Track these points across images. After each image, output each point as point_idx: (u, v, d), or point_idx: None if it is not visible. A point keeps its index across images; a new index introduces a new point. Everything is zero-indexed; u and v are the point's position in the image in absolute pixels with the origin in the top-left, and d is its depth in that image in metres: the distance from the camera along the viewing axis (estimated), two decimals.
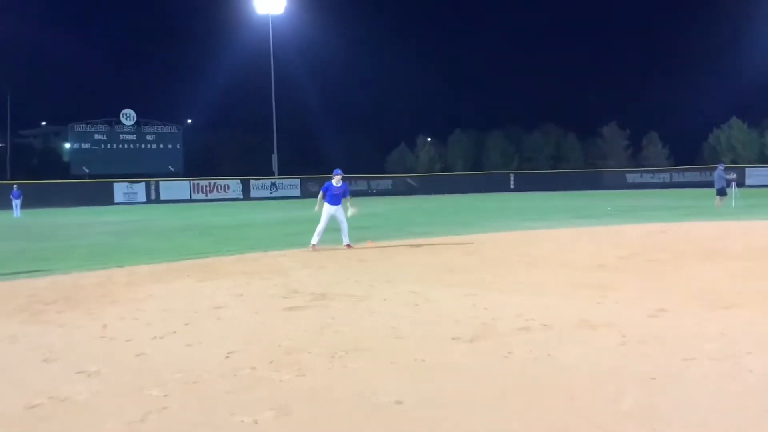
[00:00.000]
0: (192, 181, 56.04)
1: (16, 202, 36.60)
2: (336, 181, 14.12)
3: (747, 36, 67.31)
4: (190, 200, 53.62)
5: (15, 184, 40.33)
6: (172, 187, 54.85)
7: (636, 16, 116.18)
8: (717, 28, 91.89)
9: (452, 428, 4.16)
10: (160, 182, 54.69)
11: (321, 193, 14.34)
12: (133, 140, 60.24)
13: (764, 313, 7.09)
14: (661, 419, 4.16)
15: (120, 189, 52.66)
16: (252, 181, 57.47)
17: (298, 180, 59.08)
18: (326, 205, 14.25)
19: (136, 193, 53.08)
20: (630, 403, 4.46)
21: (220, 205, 48.34)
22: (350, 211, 14.44)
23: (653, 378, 4.95)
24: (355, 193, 56.09)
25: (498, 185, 61.10)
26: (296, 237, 17.48)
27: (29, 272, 11.70)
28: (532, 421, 4.19)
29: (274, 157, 60.07)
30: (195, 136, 71.09)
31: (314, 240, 13.58)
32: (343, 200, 14.45)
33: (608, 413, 4.31)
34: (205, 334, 6.75)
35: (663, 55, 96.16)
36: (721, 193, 27.28)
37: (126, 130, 59.79)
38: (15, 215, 35.38)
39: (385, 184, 62.47)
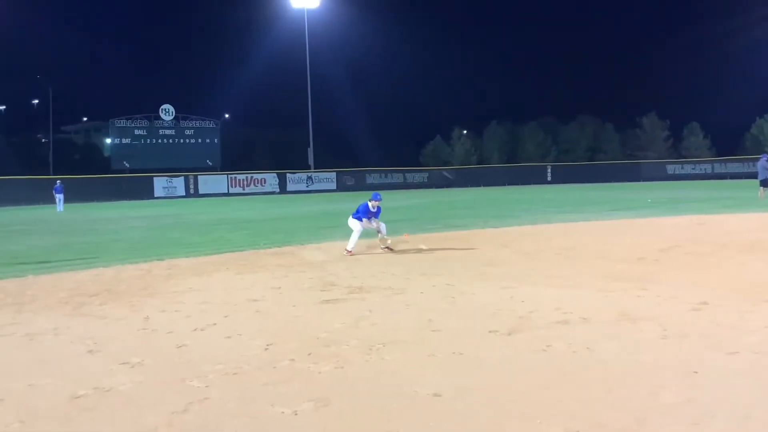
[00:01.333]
0: (229, 175, 56.65)
1: (59, 197, 37.40)
2: (372, 206, 13.12)
3: None
4: (228, 194, 54.22)
5: (58, 179, 41.20)
6: (210, 181, 55.52)
7: (676, 5, 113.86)
8: (759, 17, 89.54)
9: (490, 421, 4.15)
10: (199, 176, 55.38)
11: (355, 219, 13.15)
12: (172, 135, 61.08)
13: None
14: (703, 413, 4.10)
15: (159, 183, 53.47)
16: (288, 175, 57.90)
17: (334, 173, 59.34)
18: (352, 220, 13.26)
19: (175, 187, 53.86)
20: (670, 396, 4.40)
21: (257, 198, 48.77)
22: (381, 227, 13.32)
23: (695, 372, 4.88)
24: (392, 186, 56.31)
25: (535, 177, 60.66)
26: (332, 230, 17.56)
27: (72, 265, 11.96)
28: (570, 414, 4.16)
29: (310, 150, 60.43)
30: (232, 131, 71.88)
31: (349, 247, 12.76)
32: (373, 220, 13.28)
33: (648, 407, 4.26)
34: (243, 326, 6.83)
35: (704, 43, 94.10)
36: (765, 184, 26.69)
37: (165, 125, 60.66)
38: (58, 210, 36.16)
39: (421, 176, 62.41)
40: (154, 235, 18.39)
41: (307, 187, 57.47)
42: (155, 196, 51.85)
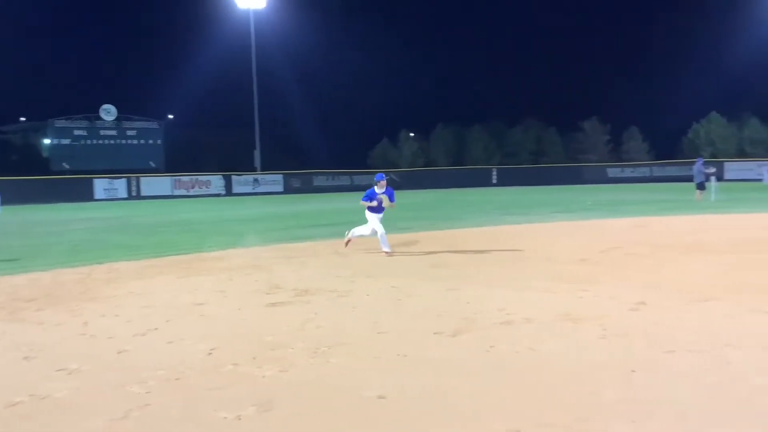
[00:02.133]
0: (173, 177, 55.69)
1: None
2: (380, 186, 12.88)
3: (727, 31, 68.10)
4: (172, 196, 53.26)
5: None
6: (154, 183, 54.42)
7: (617, 11, 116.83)
8: (697, 24, 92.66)
9: (433, 421, 4.17)
10: (141, 178, 54.23)
11: (366, 203, 12.97)
12: (113, 136, 59.73)
13: (742, 305, 7.18)
14: (641, 411, 4.21)
15: (100, 185, 52.17)
16: (234, 177, 57.17)
17: (281, 175, 58.85)
18: (371, 214, 13.03)
19: (116, 189, 52.62)
20: (610, 395, 4.51)
21: (202, 200, 48.06)
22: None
23: (633, 371, 5.00)
24: (339, 188, 56.20)
25: (481, 180, 61.27)
26: (279, 232, 17.46)
27: (8, 270, 11.57)
28: (514, 414, 4.22)
29: (257, 152, 59.85)
30: (176, 132, 70.59)
31: (386, 248, 12.34)
32: (389, 205, 13.01)
33: (589, 406, 4.35)
34: (187, 330, 6.72)
35: (643, 50, 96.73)
36: (701, 187, 27.57)
37: (106, 125, 59.25)
38: None
39: (369, 179, 62.38)
40: (95, 238, 17.94)
41: (254, 189, 56.84)
42: (96, 198, 50.54)
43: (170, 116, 72.18)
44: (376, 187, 13.00)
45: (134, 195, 52.63)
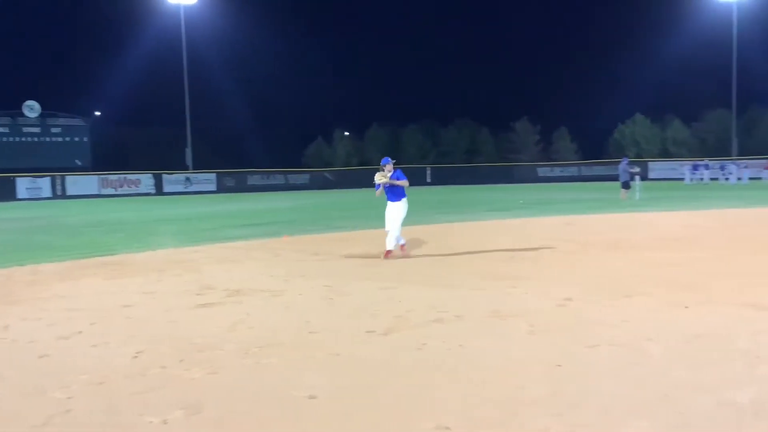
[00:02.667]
0: (101, 176, 54.16)
1: None
2: (388, 170, 12.17)
3: (653, 34, 70.64)
4: (99, 195, 51.80)
5: None
6: (80, 182, 52.81)
7: (547, 13, 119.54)
8: (625, 26, 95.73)
9: (364, 420, 4.18)
10: (67, 177, 52.57)
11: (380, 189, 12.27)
12: (37, 133, 57.69)
13: (664, 300, 7.43)
14: (567, 404, 4.31)
15: (23, 184, 50.34)
16: (165, 176, 56.00)
17: (214, 174, 57.97)
18: (388, 208, 12.25)
19: (40, 188, 50.85)
20: (538, 389, 4.60)
21: (131, 200, 46.90)
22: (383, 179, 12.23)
23: (559, 365, 5.12)
24: (274, 188, 55.73)
25: (415, 179, 61.52)
26: (211, 232, 17.19)
27: None
28: (443, 410, 4.26)
29: (188, 150, 58.74)
30: (104, 129, 68.65)
31: (389, 246, 11.72)
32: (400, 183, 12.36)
33: (517, 400, 4.43)
34: (112, 333, 6.54)
35: (573, 52, 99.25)
36: (626, 186, 28.46)
37: (29, 122, 57.16)
38: None
39: (303, 178, 62.07)
40: (16, 239, 17.29)
41: (186, 188, 55.82)
42: (18, 197, 48.75)
43: (97, 113, 70.05)
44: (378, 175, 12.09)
45: (59, 194, 50.99)
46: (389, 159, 12.40)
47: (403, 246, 12.01)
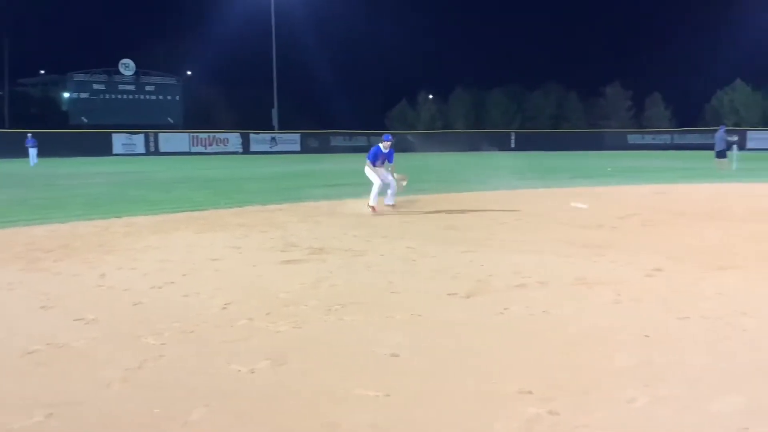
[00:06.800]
0: (191, 134, 55.76)
1: (32, 151, 36.31)
2: (384, 147, 13.22)
3: None
4: (190, 153, 53.46)
5: (29, 132, 39.89)
6: (171, 140, 54.65)
7: None
8: None
9: (445, 379, 4.19)
10: (159, 134, 54.48)
11: (369, 162, 13.26)
12: (132, 91, 59.84)
13: (760, 274, 7.11)
14: (654, 376, 4.19)
15: (119, 140, 52.47)
16: (252, 135, 57.26)
17: (299, 135, 58.87)
18: (374, 168, 13.28)
19: (134, 145, 52.91)
20: (623, 359, 4.49)
21: (219, 158, 48.19)
22: (399, 182, 13.50)
23: (647, 336, 4.98)
24: (357, 149, 56.19)
25: (499, 144, 60.82)
26: (295, 191, 17.48)
27: (28, 221, 11.70)
28: (526, 374, 4.23)
29: (274, 111, 59.73)
30: (195, 88, 70.45)
31: (372, 202, 12.70)
32: (387, 165, 13.44)
33: (602, 369, 4.34)
34: (202, 285, 6.77)
35: (668, 14, 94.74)
36: (721, 155, 27.16)
37: (125, 80, 59.36)
38: (31, 164, 35.21)
39: None
40: (113, 192, 18.08)
41: (271, 148, 56.91)
42: (114, 153, 50.91)
43: (189, 73, 71.88)
44: (381, 145, 13.23)
45: (152, 151, 52.94)
46: (390, 136, 13.58)
47: (373, 209, 12.76)
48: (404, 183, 13.59)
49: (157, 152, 52.58)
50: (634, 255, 8.20)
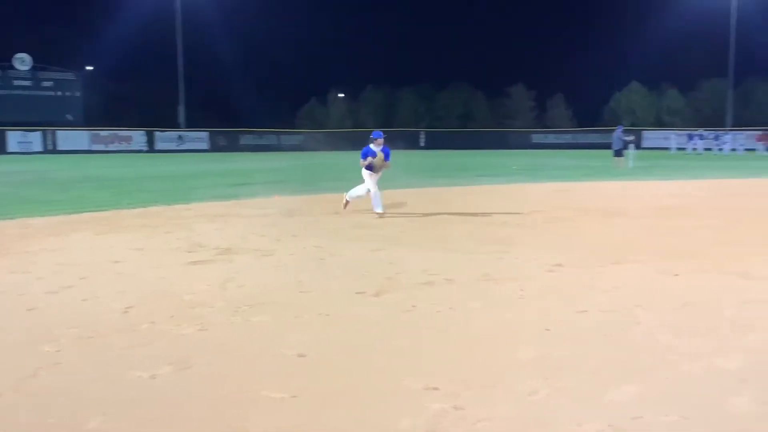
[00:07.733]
0: (92, 131, 53.71)
1: None
2: (377, 144, 12.30)
3: (649, 1, 69.86)
4: (90, 151, 51.47)
5: None
6: (71, 137, 52.45)
7: None
8: None
9: (353, 378, 4.19)
10: (57, 131, 52.17)
11: (364, 162, 12.35)
12: (28, 86, 56.98)
13: (655, 268, 7.45)
14: (554, 368, 4.33)
15: (14, 138, 49.96)
16: (157, 133, 55.64)
17: (206, 133, 57.61)
18: (367, 173, 12.48)
19: (31, 143, 50.48)
20: (526, 352, 4.62)
21: (122, 156, 46.65)
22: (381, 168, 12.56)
23: (548, 329, 5.14)
24: (266, 148, 55.44)
25: (408, 142, 61.44)
26: (202, 190, 17.11)
27: None
28: (433, 370, 4.28)
29: (181, 108, 58.26)
30: (96, 84, 67.75)
31: (378, 209, 11.98)
32: (384, 164, 12.57)
33: (505, 363, 4.45)
34: (102, 288, 6.52)
35: (570, 17, 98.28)
36: (618, 154, 28.44)
37: (20, 75, 56.45)
38: None
39: (296, 139, 61.74)
40: (7, 193, 17.18)
41: (178, 146, 55.47)
42: (9, 151, 48.42)
43: (89, 68, 69.05)
44: (372, 145, 12.37)
45: (50, 149, 50.67)
46: (381, 133, 12.58)
47: (347, 204, 12.69)
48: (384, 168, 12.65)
49: (55, 150, 50.34)
50: (537, 251, 8.45)
